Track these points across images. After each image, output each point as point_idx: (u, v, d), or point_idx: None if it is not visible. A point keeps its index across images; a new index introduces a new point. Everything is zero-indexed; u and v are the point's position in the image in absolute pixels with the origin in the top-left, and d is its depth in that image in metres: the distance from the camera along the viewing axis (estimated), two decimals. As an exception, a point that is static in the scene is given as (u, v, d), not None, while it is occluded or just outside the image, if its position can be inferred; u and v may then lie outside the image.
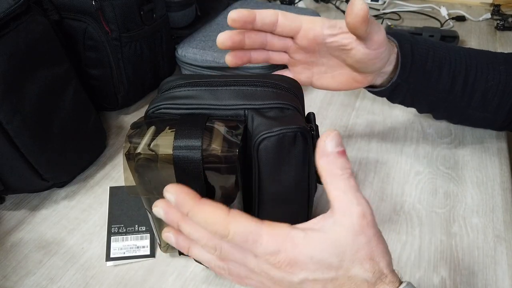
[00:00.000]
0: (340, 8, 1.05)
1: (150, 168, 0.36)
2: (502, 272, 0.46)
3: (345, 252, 0.30)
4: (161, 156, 0.35)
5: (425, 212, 0.53)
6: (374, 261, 0.30)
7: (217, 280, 0.46)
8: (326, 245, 0.30)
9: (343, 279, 0.30)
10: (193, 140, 0.35)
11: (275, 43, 0.48)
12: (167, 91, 0.40)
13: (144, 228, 0.51)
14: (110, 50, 0.63)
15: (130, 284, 0.46)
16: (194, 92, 0.39)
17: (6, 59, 0.45)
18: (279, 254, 0.30)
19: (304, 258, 0.30)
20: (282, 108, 0.38)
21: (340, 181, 0.31)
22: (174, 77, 0.41)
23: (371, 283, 0.30)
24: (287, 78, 0.41)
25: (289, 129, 0.35)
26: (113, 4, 0.60)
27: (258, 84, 0.39)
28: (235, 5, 0.86)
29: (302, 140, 0.36)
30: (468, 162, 0.60)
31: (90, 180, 0.59)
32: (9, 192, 0.56)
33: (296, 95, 0.40)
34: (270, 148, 0.36)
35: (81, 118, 0.57)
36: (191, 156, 0.34)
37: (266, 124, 0.36)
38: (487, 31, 0.95)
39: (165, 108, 0.38)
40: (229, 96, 0.38)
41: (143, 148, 0.35)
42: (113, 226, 0.51)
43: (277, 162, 0.37)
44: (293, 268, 0.31)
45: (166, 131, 0.36)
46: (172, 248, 0.46)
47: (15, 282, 0.47)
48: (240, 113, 0.38)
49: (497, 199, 0.54)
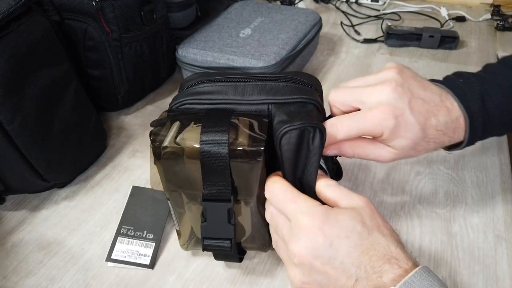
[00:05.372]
0: (340, 9, 1.05)
1: (176, 162, 0.36)
2: (502, 272, 0.46)
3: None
4: (187, 149, 0.36)
5: (426, 212, 0.53)
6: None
7: (217, 280, 0.46)
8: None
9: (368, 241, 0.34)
10: (220, 134, 0.35)
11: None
12: (190, 88, 0.40)
13: (152, 236, 0.50)
14: (111, 50, 0.63)
15: (130, 284, 0.46)
16: (217, 88, 0.39)
17: (6, 59, 0.45)
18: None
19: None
20: (304, 103, 0.38)
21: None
22: (195, 74, 0.42)
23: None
24: (305, 73, 0.42)
25: (310, 123, 0.36)
26: (113, 4, 0.60)
27: (279, 79, 0.39)
28: (235, 5, 0.86)
29: (319, 136, 0.36)
30: (468, 162, 0.60)
31: (91, 181, 0.59)
32: (9, 193, 0.56)
33: (316, 89, 0.41)
34: (292, 141, 0.36)
35: (81, 118, 0.57)
36: (218, 151, 0.35)
37: (288, 120, 0.36)
38: (487, 31, 0.95)
39: (189, 103, 0.39)
40: (252, 91, 0.39)
41: (170, 142, 0.36)
42: (123, 226, 0.51)
43: (298, 156, 0.37)
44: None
45: (191, 126, 0.36)
46: (192, 245, 0.46)
47: (16, 282, 0.47)
48: (264, 107, 0.38)
49: (497, 199, 0.54)
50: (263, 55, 0.69)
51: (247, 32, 0.75)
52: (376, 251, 0.33)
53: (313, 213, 0.35)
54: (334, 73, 0.81)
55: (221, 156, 0.35)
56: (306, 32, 0.77)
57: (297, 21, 0.79)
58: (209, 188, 0.37)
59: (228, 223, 0.39)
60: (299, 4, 1.05)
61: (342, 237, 0.33)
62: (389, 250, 0.33)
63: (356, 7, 1.06)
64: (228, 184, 0.37)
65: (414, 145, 0.41)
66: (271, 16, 0.81)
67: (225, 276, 0.47)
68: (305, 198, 0.36)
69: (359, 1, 1.07)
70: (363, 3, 1.07)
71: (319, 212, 0.35)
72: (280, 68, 0.69)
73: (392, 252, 0.33)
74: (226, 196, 0.37)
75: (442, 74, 0.48)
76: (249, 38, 0.73)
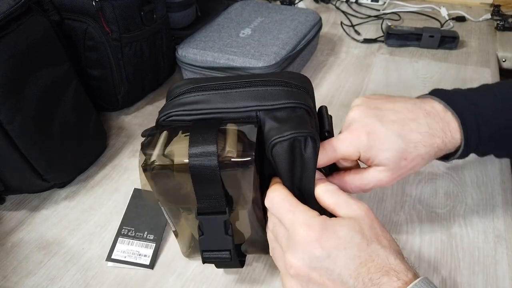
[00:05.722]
0: (340, 9, 1.05)
1: (167, 176, 0.36)
2: (502, 272, 0.46)
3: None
4: (177, 165, 0.35)
5: (425, 212, 0.53)
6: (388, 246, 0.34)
7: (217, 280, 0.46)
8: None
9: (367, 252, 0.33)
10: (208, 145, 0.34)
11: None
12: (176, 98, 0.39)
13: (152, 237, 0.50)
14: (111, 50, 0.63)
15: (130, 284, 0.46)
16: (204, 97, 0.38)
17: (6, 59, 0.45)
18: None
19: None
20: (294, 107, 0.37)
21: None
22: (181, 82, 0.41)
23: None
24: (297, 74, 0.41)
25: (299, 133, 0.35)
26: (113, 4, 0.60)
27: (268, 84, 0.39)
28: (235, 5, 0.86)
29: (312, 144, 0.36)
30: (468, 162, 0.60)
31: (91, 181, 0.59)
32: (9, 193, 0.56)
33: (307, 91, 0.40)
34: (282, 152, 0.36)
35: (81, 118, 0.57)
36: (207, 163, 0.34)
37: (277, 128, 0.36)
38: (487, 31, 0.95)
39: (176, 115, 0.38)
40: (240, 98, 0.38)
41: (158, 157, 0.35)
42: (124, 227, 0.51)
43: (292, 166, 0.37)
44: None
45: (179, 136, 0.36)
46: (193, 253, 0.45)
47: (16, 282, 0.47)
48: (252, 114, 0.37)
49: (497, 199, 0.54)
50: (263, 55, 0.69)
51: (247, 32, 0.75)
52: (374, 263, 0.32)
53: (310, 224, 0.34)
54: (334, 73, 0.81)
55: (211, 167, 0.34)
56: (306, 32, 0.77)
57: (297, 21, 0.79)
58: (203, 202, 0.37)
59: (226, 235, 0.39)
60: (299, 4, 1.05)
61: (340, 248, 0.33)
62: (387, 261, 0.33)
63: (356, 7, 1.06)
64: (221, 196, 0.36)
65: (401, 154, 0.40)
66: (271, 16, 0.81)
67: (225, 276, 0.47)
68: (303, 208, 0.36)
69: (359, 1, 1.07)
70: (363, 3, 1.07)
71: (316, 223, 0.34)
72: (280, 68, 0.69)
73: (391, 263, 0.32)
74: (221, 208, 0.37)
75: (442, 74, 0.48)
76: (249, 38, 0.73)
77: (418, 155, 0.41)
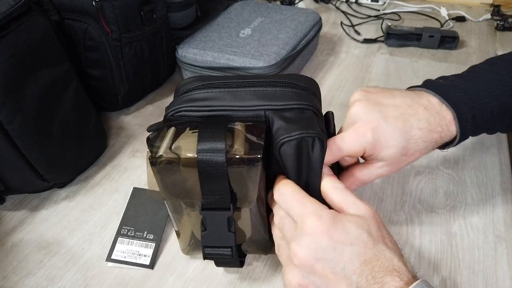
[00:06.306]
0: (340, 9, 1.05)
1: (173, 171, 0.36)
2: (502, 272, 0.46)
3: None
4: (183, 159, 0.35)
5: (425, 212, 0.53)
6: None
7: (217, 280, 0.46)
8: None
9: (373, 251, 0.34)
10: (216, 142, 0.34)
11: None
12: (186, 94, 0.40)
13: (152, 237, 0.50)
14: (111, 50, 0.63)
15: (130, 284, 0.46)
16: (214, 94, 0.38)
17: (6, 59, 0.45)
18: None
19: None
20: (302, 109, 0.38)
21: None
22: (190, 79, 0.41)
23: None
24: (305, 77, 0.41)
25: (308, 133, 0.35)
26: (113, 4, 0.60)
27: (277, 85, 0.39)
28: (235, 5, 0.86)
29: (319, 145, 0.36)
30: (468, 162, 0.60)
31: (91, 181, 0.59)
32: (9, 193, 0.56)
33: (314, 94, 0.40)
34: (290, 152, 0.36)
35: (81, 118, 0.57)
36: (215, 159, 0.34)
37: (286, 128, 0.36)
38: (487, 31, 0.95)
39: (185, 110, 0.38)
40: (249, 97, 0.38)
41: (165, 151, 0.35)
42: (124, 227, 0.51)
43: (299, 165, 0.37)
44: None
45: (186, 132, 0.36)
46: (193, 250, 0.46)
47: (15, 282, 0.47)
48: (261, 113, 0.37)
49: (497, 199, 0.54)
50: (263, 55, 0.69)
51: (247, 32, 0.75)
52: (379, 262, 0.33)
53: (320, 215, 0.34)
54: (334, 73, 0.81)
55: (219, 163, 0.35)
56: (306, 32, 0.77)
57: (297, 21, 0.79)
58: (208, 198, 0.37)
59: (229, 231, 0.39)
60: (299, 4, 1.05)
61: (347, 243, 0.33)
62: (392, 262, 0.33)
63: (356, 7, 1.06)
64: (227, 192, 0.36)
65: (402, 150, 0.40)
66: (271, 16, 0.81)
67: (225, 276, 0.47)
68: (313, 200, 0.36)
69: (359, 1, 1.07)
70: (363, 3, 1.07)
71: (326, 215, 0.34)
72: (280, 68, 0.69)
73: (394, 264, 0.33)
74: (226, 204, 0.37)
75: (442, 74, 0.48)
76: (249, 38, 0.73)
77: (417, 151, 0.42)
